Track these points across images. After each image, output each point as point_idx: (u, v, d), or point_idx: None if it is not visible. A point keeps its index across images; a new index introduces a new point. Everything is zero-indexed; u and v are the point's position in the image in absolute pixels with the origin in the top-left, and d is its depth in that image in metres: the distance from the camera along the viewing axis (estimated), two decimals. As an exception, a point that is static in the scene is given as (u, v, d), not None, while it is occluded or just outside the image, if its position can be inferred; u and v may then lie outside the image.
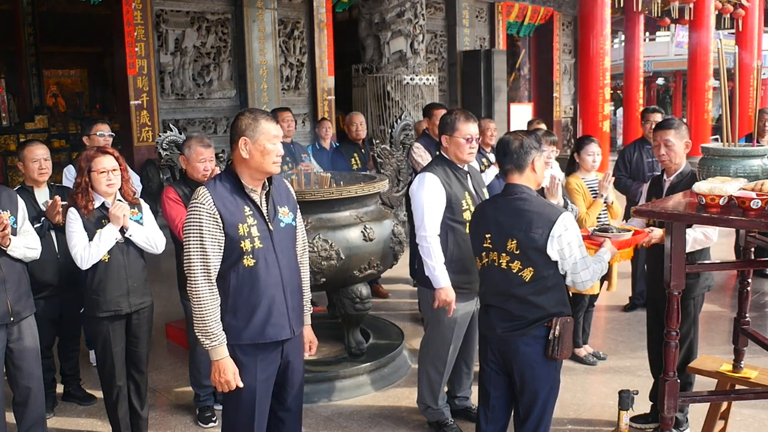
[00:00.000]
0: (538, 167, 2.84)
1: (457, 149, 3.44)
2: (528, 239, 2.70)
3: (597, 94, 11.37)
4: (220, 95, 9.90)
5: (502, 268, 2.79)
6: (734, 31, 16.77)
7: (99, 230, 3.30)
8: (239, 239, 2.55)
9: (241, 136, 2.57)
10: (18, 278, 3.20)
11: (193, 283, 2.53)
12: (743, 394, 3.09)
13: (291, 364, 2.76)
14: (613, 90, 19.22)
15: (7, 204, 3.22)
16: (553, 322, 2.73)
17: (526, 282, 2.74)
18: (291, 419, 2.85)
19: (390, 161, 5.23)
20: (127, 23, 8.66)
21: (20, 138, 10.50)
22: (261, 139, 2.56)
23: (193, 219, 2.54)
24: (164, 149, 4.09)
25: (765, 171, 2.52)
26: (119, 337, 3.44)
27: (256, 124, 2.58)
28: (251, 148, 2.56)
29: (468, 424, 3.80)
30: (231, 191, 2.59)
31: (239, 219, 2.56)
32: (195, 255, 2.52)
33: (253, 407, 2.66)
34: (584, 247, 2.78)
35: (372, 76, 7.43)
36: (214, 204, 2.53)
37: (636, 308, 5.64)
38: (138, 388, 3.60)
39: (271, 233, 2.63)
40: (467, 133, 3.41)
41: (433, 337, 3.63)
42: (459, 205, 3.43)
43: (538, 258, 2.71)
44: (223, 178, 2.64)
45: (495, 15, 13.69)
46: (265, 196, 2.67)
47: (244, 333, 2.60)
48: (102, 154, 3.36)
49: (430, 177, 3.43)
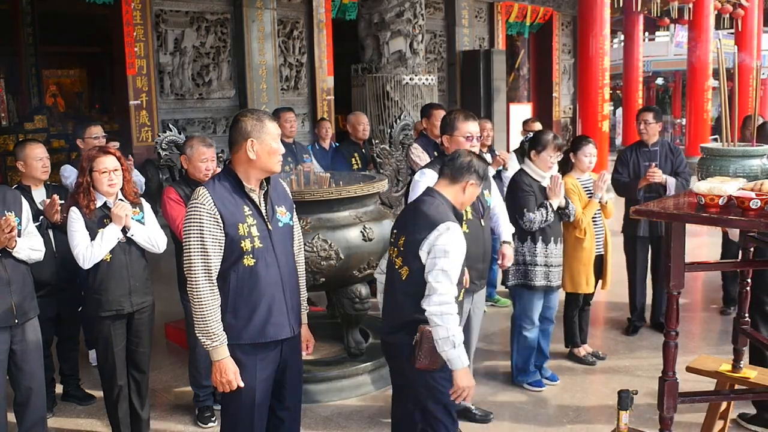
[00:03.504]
0: (468, 192, 2.89)
1: (458, 148, 3.45)
2: (412, 238, 2.76)
3: (596, 94, 11.38)
4: (220, 95, 9.90)
5: (392, 263, 2.88)
6: (733, 31, 16.78)
7: (101, 230, 3.30)
8: (239, 239, 2.55)
9: (247, 138, 2.58)
10: (23, 280, 3.20)
11: (193, 284, 2.53)
12: (743, 394, 3.09)
13: (290, 364, 2.77)
14: (613, 90, 19.22)
15: (12, 205, 3.21)
16: (420, 328, 2.72)
17: (402, 280, 2.79)
18: (290, 418, 2.85)
19: (389, 161, 5.24)
20: (126, 23, 8.66)
21: (20, 138, 10.48)
22: (267, 140, 2.59)
23: (193, 219, 2.54)
24: (163, 149, 4.10)
25: (764, 171, 2.52)
26: (120, 336, 3.44)
27: (261, 125, 2.60)
28: (258, 148, 2.58)
29: (467, 424, 3.80)
30: (231, 191, 2.60)
31: (239, 219, 2.57)
32: (195, 255, 2.52)
33: (253, 407, 2.66)
34: (453, 274, 2.68)
35: (371, 76, 7.42)
36: (214, 204, 2.54)
37: (638, 330, 5.25)
38: (139, 387, 3.60)
39: (270, 233, 2.64)
40: (467, 132, 3.43)
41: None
42: None
43: (414, 259, 2.74)
44: (222, 178, 2.65)
45: (494, 15, 13.69)
46: (263, 195, 2.67)
47: (244, 333, 2.61)
48: (104, 154, 3.36)
49: (429, 171, 3.49)
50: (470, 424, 3.83)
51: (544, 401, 4.15)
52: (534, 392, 4.24)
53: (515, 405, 4.09)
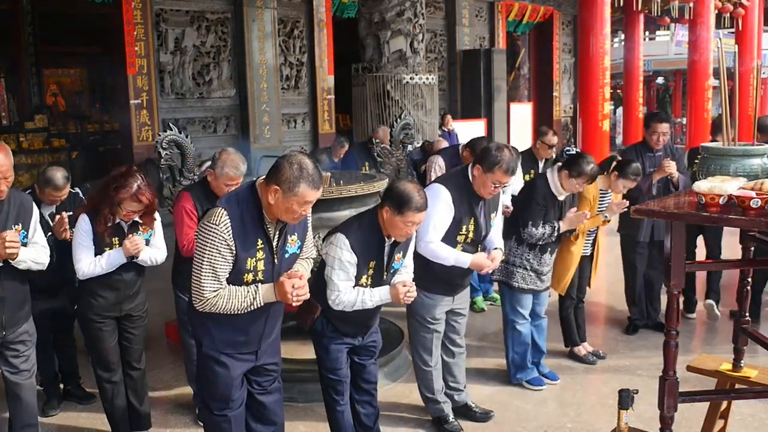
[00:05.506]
0: (385, 218, 2.99)
1: (482, 186, 3.45)
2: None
3: (597, 93, 11.39)
4: (220, 94, 9.90)
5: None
6: (734, 30, 16.78)
7: (108, 251, 3.32)
8: (245, 272, 2.58)
9: (275, 184, 2.45)
10: (18, 293, 3.19)
11: (202, 300, 2.56)
12: (743, 393, 3.08)
13: (266, 360, 2.87)
14: (613, 89, 19.22)
15: (21, 215, 3.16)
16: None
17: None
18: (271, 401, 2.95)
19: (390, 160, 5.24)
20: (126, 22, 8.67)
21: (20, 137, 10.49)
22: (292, 200, 2.46)
23: (207, 241, 2.51)
24: (164, 148, 4.07)
25: (765, 170, 2.52)
26: (110, 334, 3.49)
27: (296, 184, 2.43)
28: (279, 200, 2.47)
29: (468, 423, 3.80)
30: (249, 222, 2.54)
31: (250, 253, 2.56)
32: (206, 278, 2.53)
33: (230, 398, 2.78)
34: (344, 271, 3.00)
35: (372, 75, 7.43)
36: (232, 236, 2.50)
37: (638, 330, 5.23)
38: (134, 384, 3.63)
39: (275, 267, 2.64)
40: (499, 180, 3.41)
41: (415, 327, 3.75)
42: (458, 228, 3.47)
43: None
44: (246, 203, 2.56)
45: (495, 14, 13.69)
46: (279, 228, 2.64)
47: (220, 344, 2.70)
48: (136, 201, 3.25)
49: (444, 192, 3.45)
50: (471, 423, 3.83)
51: (545, 400, 4.15)
52: (534, 391, 4.24)
53: (516, 404, 4.09)
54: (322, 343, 3.19)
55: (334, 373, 3.21)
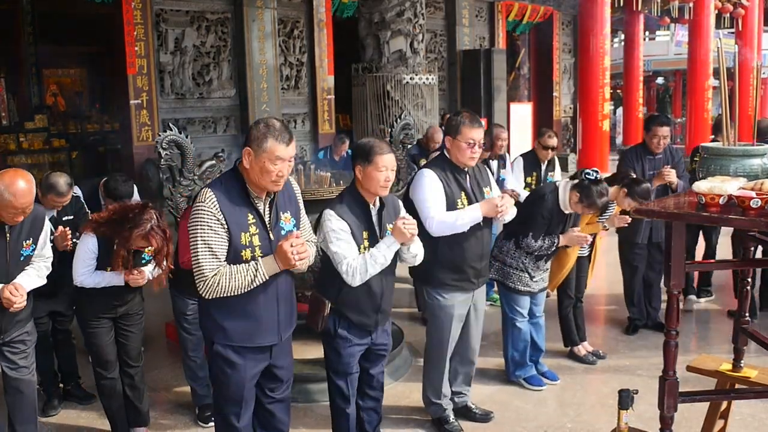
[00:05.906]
0: (361, 178, 3.02)
1: (458, 152, 3.44)
2: None
3: (597, 93, 11.40)
4: (220, 95, 9.90)
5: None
6: (734, 31, 16.78)
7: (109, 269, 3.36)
8: (241, 248, 2.57)
9: (246, 145, 2.53)
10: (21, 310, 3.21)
11: (206, 282, 2.54)
12: (743, 394, 3.08)
13: (279, 363, 2.83)
14: (613, 89, 19.22)
15: (33, 230, 3.18)
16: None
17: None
18: (280, 409, 2.92)
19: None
20: (126, 22, 8.66)
21: (20, 137, 10.49)
22: (263, 157, 2.50)
23: (198, 221, 2.53)
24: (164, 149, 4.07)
25: (765, 170, 2.52)
26: (106, 332, 3.52)
27: (263, 140, 2.50)
28: (252, 161, 2.52)
29: (468, 423, 3.80)
30: (236, 197, 2.57)
31: (243, 227, 2.56)
32: (203, 257, 2.53)
33: (242, 401, 2.75)
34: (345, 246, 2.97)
35: (371, 75, 7.42)
36: (220, 209, 2.52)
37: (638, 330, 5.23)
38: (132, 382, 3.64)
39: (272, 242, 2.63)
40: (470, 138, 3.39)
41: (431, 332, 3.70)
42: (454, 204, 3.45)
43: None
44: (230, 181, 2.61)
45: (495, 14, 13.68)
46: (269, 203, 2.65)
47: (234, 335, 2.65)
48: (146, 240, 3.25)
49: (428, 172, 3.48)
50: (471, 423, 3.83)
51: (545, 400, 4.15)
52: (534, 391, 4.24)
53: (516, 404, 4.09)
54: (333, 345, 3.12)
55: (345, 378, 3.16)
